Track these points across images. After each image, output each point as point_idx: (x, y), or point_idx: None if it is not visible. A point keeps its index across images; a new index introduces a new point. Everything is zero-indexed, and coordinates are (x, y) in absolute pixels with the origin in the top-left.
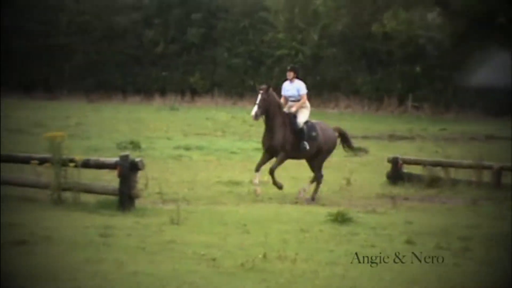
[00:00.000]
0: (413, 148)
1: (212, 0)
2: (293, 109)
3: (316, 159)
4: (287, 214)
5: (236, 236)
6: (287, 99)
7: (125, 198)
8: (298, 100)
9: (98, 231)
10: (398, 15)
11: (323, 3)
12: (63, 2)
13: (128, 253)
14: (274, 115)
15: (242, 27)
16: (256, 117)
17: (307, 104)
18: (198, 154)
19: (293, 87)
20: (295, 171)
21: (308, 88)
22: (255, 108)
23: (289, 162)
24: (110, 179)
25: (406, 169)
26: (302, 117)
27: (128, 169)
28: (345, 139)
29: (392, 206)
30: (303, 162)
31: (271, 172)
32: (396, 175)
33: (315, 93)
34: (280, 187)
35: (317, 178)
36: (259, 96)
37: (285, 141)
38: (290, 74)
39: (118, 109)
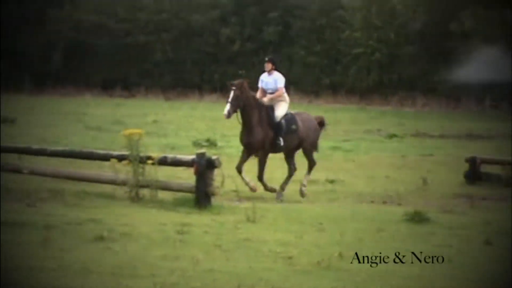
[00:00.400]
0: (491, 147)
1: None
2: (265, 99)
3: (297, 152)
4: (363, 213)
5: (312, 234)
6: (265, 91)
7: (202, 195)
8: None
9: (175, 228)
10: (477, 13)
11: (401, 1)
12: (142, 1)
13: (205, 251)
14: (250, 110)
15: (318, 26)
16: (229, 115)
17: (286, 97)
18: None
19: (272, 79)
20: (371, 170)
21: (385, 86)
22: (227, 106)
23: (365, 160)
24: (187, 177)
25: (484, 168)
26: (280, 111)
27: (205, 167)
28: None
29: (470, 206)
30: (384, 159)
31: (260, 179)
32: (474, 174)
33: (392, 92)
34: (272, 190)
35: (292, 171)
36: (231, 93)
37: (264, 137)
38: (268, 66)
39: (194, 107)
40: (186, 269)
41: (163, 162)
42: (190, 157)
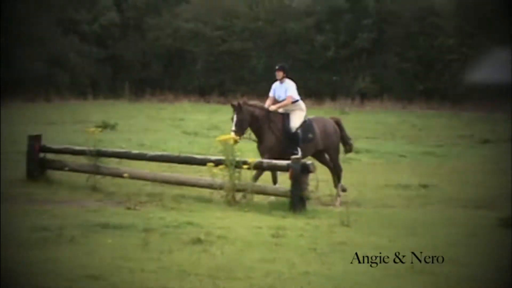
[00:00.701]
0: None
1: (383, 5)
2: (273, 107)
3: (325, 158)
4: (456, 217)
5: (405, 238)
6: (276, 101)
7: (297, 199)
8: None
9: (270, 231)
10: None
11: (495, 7)
12: (238, 8)
13: (300, 254)
14: (259, 124)
15: (412, 32)
16: (235, 142)
17: (302, 105)
18: (367, 157)
19: (283, 89)
20: (464, 175)
21: (478, 92)
22: (233, 134)
23: (458, 165)
24: (282, 181)
25: None
26: (297, 121)
27: (300, 172)
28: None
29: None
30: (477, 165)
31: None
32: None
33: (485, 97)
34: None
35: (337, 170)
36: (235, 118)
37: (275, 143)
38: (279, 74)
39: None
40: (282, 272)
41: (258, 166)
42: (286, 162)
